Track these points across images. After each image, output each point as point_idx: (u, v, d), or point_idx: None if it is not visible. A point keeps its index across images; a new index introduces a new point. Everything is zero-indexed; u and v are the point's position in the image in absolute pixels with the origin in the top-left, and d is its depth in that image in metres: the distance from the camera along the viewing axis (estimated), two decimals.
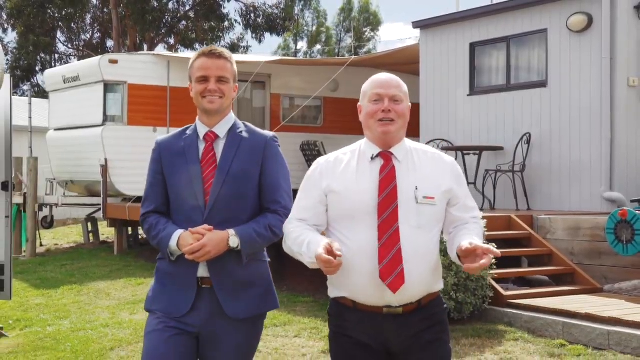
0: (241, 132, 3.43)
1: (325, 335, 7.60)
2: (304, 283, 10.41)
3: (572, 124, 10.72)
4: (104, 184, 13.77)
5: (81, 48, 43.48)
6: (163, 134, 6.51)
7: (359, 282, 3.10)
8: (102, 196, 13.84)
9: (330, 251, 2.90)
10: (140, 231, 15.10)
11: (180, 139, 3.46)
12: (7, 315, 9.26)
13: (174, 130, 3.53)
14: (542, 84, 11.19)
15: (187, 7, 39.61)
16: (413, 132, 11.08)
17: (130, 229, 15.29)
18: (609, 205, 9.87)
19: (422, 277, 3.11)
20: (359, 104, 3.29)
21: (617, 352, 6.53)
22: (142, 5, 36.06)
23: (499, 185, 11.11)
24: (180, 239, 3.25)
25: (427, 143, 11.69)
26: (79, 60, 43.05)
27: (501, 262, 8.18)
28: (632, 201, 8.96)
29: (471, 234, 3.12)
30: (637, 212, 8.21)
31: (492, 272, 7.88)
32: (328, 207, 3.23)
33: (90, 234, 16.16)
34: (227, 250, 3.26)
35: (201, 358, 3.38)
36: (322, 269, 2.94)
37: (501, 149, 11.40)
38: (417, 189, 3.14)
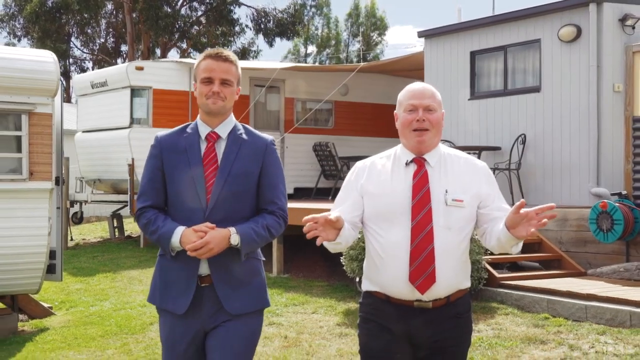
0: (241, 134, 3.51)
1: (340, 312, 8.62)
2: (318, 271, 11.42)
3: (563, 125, 11.64)
4: (131, 182, 14.79)
5: (95, 52, 44.50)
6: None
7: (391, 279, 3.26)
8: (129, 193, 14.86)
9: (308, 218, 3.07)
10: None
11: (181, 136, 3.50)
12: (52, 298, 10.28)
13: None
14: (536, 89, 12.02)
15: (199, 13, 40.40)
16: None
17: None
18: (596, 199, 10.66)
19: (451, 275, 3.25)
20: (395, 111, 3.44)
21: (592, 322, 7.52)
22: (156, 11, 36.94)
23: (497, 182, 12.01)
24: (183, 236, 3.31)
25: None
26: (93, 64, 44.23)
27: None
28: (613, 194, 9.90)
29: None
30: (616, 204, 9.20)
31: (486, 257, 8.87)
32: (364, 207, 3.36)
33: (116, 230, 17.19)
34: (227, 247, 3.34)
35: (207, 353, 3.46)
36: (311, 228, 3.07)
37: (499, 148, 12.31)
38: (447, 192, 3.26)
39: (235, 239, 3.32)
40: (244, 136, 3.49)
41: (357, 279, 8.95)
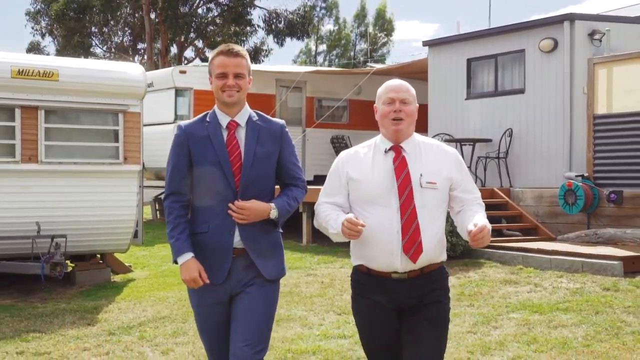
0: (257, 120, 3.80)
1: None
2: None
3: (542, 121, 13.94)
4: None
5: (113, 50, 46.52)
6: None
7: (372, 253, 3.61)
8: None
9: (353, 221, 3.48)
10: None
11: (202, 125, 3.77)
12: (125, 261, 12.65)
13: None
14: (521, 91, 14.25)
15: (215, 13, 42.17)
16: (423, 128, 14.26)
17: None
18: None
19: (429, 248, 3.59)
20: (375, 105, 3.75)
21: (555, 270, 9.92)
22: (175, 11, 38.87)
23: (488, 168, 14.37)
24: (185, 266, 3.72)
25: (434, 136, 14.85)
26: (110, 61, 46.04)
27: None
28: (577, 176, 12.26)
29: (475, 215, 3.59)
30: (579, 184, 11.59)
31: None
32: (349, 192, 3.72)
33: (157, 212, 19.59)
34: (263, 220, 3.72)
35: (232, 314, 3.82)
36: (345, 234, 3.50)
37: (490, 140, 14.54)
38: (421, 175, 3.58)
39: (274, 214, 3.74)
40: (260, 122, 3.80)
41: None
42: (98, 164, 10.23)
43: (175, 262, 3.80)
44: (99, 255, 11.13)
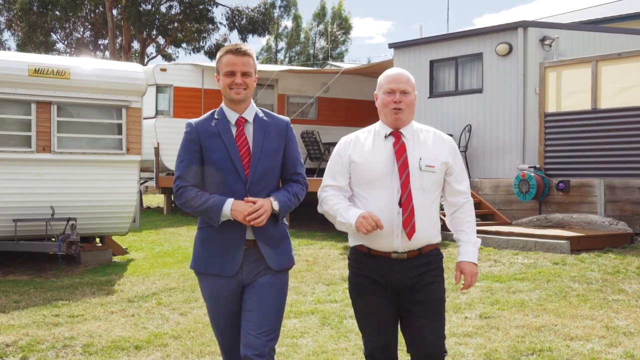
0: (263, 117, 3.87)
1: (340, 247, 12.28)
2: (316, 225, 15.05)
3: (498, 118, 15.30)
4: (156, 162, 18.24)
5: (74, 46, 46.79)
6: None
7: (373, 233, 3.66)
8: (155, 171, 18.33)
9: (374, 217, 3.59)
10: None
11: (212, 122, 3.82)
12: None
13: None
14: (479, 91, 15.59)
15: (177, 10, 42.70)
16: None
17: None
18: None
19: (424, 230, 3.71)
20: (375, 92, 3.86)
21: (511, 249, 11.30)
22: (137, 8, 39.41)
23: None
24: (235, 205, 3.69)
25: None
26: (70, 56, 46.37)
27: None
28: (530, 167, 13.69)
29: (464, 231, 3.90)
30: (532, 174, 13.01)
31: (442, 211, 12.56)
32: (351, 175, 3.83)
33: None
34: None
35: (244, 306, 3.87)
36: (360, 228, 3.61)
37: (451, 135, 15.83)
38: (421, 159, 3.71)
39: (276, 205, 3.76)
40: (266, 118, 3.88)
41: None
42: (104, 154, 11.27)
43: (217, 220, 3.76)
44: (97, 239, 12.17)
